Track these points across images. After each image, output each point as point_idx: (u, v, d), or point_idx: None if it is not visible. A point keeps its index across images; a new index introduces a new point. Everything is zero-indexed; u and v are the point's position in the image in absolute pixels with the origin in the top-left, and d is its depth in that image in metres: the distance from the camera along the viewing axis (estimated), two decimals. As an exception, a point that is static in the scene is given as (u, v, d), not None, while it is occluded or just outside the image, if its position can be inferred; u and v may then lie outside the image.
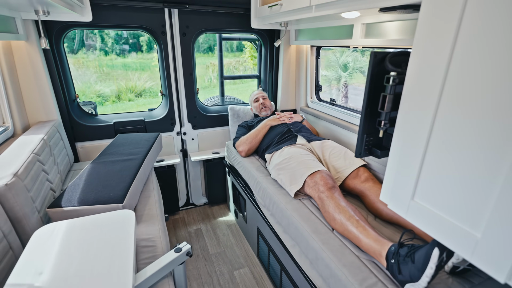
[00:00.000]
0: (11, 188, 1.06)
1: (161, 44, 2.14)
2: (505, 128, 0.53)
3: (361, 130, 0.95)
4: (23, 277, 0.82)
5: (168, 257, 1.04)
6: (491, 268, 0.61)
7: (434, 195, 0.72)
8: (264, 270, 1.96)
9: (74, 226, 1.03)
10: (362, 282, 1.03)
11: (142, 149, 1.79)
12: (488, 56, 0.55)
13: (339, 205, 1.27)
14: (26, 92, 1.78)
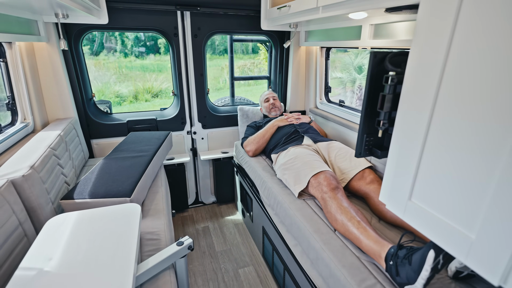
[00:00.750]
0: (28, 179, 1.13)
1: (173, 46, 2.21)
2: (497, 131, 0.53)
3: (361, 130, 0.95)
4: (35, 262, 0.88)
5: (170, 249, 1.07)
6: (485, 270, 0.60)
7: (431, 196, 0.72)
8: (268, 269, 1.97)
9: (83, 217, 1.09)
10: (361, 283, 1.03)
11: (152, 146, 1.85)
12: (481, 60, 0.55)
13: (342, 206, 1.27)
14: (46, 90, 1.89)
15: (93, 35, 6.68)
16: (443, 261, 0.83)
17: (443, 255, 0.83)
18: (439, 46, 0.63)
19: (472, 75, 0.57)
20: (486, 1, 0.53)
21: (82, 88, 2.09)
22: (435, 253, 0.82)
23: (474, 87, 0.56)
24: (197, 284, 1.88)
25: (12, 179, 1.09)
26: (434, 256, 0.82)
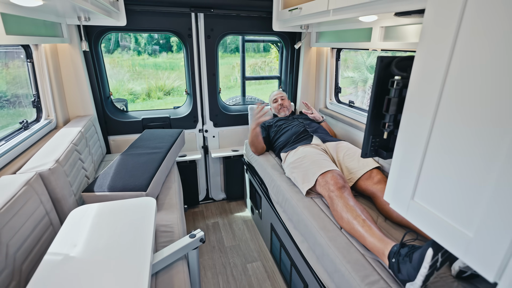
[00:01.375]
0: (54, 172, 1.22)
1: (187, 46, 2.28)
2: (494, 136, 0.56)
3: (367, 131, 0.99)
4: (61, 248, 0.96)
5: (183, 241, 1.14)
6: (482, 267, 0.63)
7: (432, 196, 0.75)
8: (275, 265, 2.02)
9: (104, 209, 1.17)
10: (364, 279, 1.06)
11: (166, 143, 1.93)
12: (481, 68, 0.58)
13: (348, 204, 1.30)
14: (68, 89, 1.99)
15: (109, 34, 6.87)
16: (442, 260, 0.86)
17: (441, 254, 0.86)
18: (442, 53, 0.67)
19: (472, 82, 0.60)
20: (488, 11, 0.56)
21: (100, 87, 2.19)
22: (434, 252, 0.85)
23: (474, 94, 0.59)
24: (207, 277, 1.96)
25: (40, 171, 1.18)
26: (432, 254, 0.85)
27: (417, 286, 0.90)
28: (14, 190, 1.02)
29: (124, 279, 0.83)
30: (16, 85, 1.68)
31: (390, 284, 1.03)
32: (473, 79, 0.60)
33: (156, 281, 1.04)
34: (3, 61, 1.59)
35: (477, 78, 0.59)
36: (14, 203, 0.98)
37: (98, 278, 0.83)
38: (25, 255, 0.98)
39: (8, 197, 0.97)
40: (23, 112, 1.72)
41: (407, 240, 1.04)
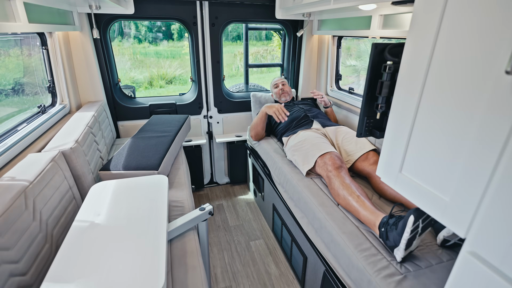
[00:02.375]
0: (74, 151, 1.33)
1: (192, 34, 2.35)
2: (465, 116, 0.66)
3: (362, 112, 1.08)
4: (87, 216, 1.08)
5: (194, 213, 1.26)
6: (455, 225, 0.74)
7: (416, 168, 0.85)
8: (277, 242, 2.16)
9: (121, 184, 1.29)
10: (357, 246, 1.18)
11: (173, 128, 2.03)
12: (461, 53, 0.67)
13: (344, 182, 1.41)
14: (79, 75, 2.08)
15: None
16: (423, 225, 0.97)
17: (422, 220, 0.97)
18: (427, 40, 0.75)
19: (449, 68, 0.69)
20: (468, 5, 0.65)
21: (109, 73, 2.28)
22: (415, 218, 0.96)
23: (449, 79, 0.69)
24: (213, 252, 2.10)
25: (62, 150, 1.29)
26: (413, 220, 0.96)
27: (401, 250, 1.01)
28: (43, 165, 1.13)
29: (145, 242, 0.95)
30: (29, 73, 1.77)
31: (380, 250, 1.15)
32: (450, 65, 0.69)
33: (171, 247, 1.16)
34: (20, 49, 1.68)
35: (452, 65, 0.68)
36: (44, 176, 1.09)
37: (122, 241, 0.95)
38: (54, 222, 1.10)
39: (38, 170, 1.08)
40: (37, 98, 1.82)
41: (395, 212, 1.15)
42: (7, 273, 0.82)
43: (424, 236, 1.23)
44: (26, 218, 0.94)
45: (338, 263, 1.27)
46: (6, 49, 1.55)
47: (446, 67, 0.70)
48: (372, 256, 1.13)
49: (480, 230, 0.65)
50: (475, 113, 0.65)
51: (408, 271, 1.06)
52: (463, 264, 0.68)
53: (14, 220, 0.89)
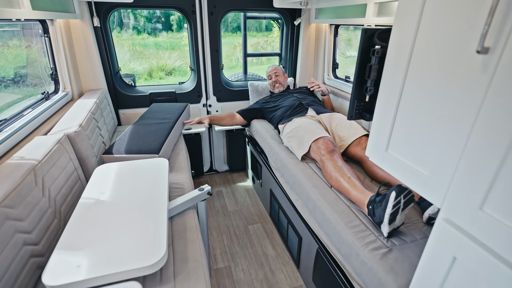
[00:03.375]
0: (78, 135, 1.39)
1: (191, 23, 2.38)
2: (441, 98, 0.72)
3: (352, 96, 1.14)
4: (92, 194, 1.14)
5: (194, 193, 1.33)
6: (433, 197, 0.80)
7: (401, 147, 0.91)
8: (274, 226, 2.24)
9: (124, 166, 1.35)
10: (348, 224, 1.25)
11: (173, 115, 2.08)
12: (440, 37, 0.72)
13: (336, 165, 1.47)
14: (80, 63, 2.12)
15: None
16: (404, 200, 1.04)
17: (403, 195, 1.03)
18: (411, 25, 0.80)
19: (431, 50, 0.74)
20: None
21: (110, 62, 2.32)
22: (396, 193, 1.03)
23: (428, 61, 0.74)
24: (213, 235, 2.18)
25: (67, 133, 1.35)
26: (395, 196, 1.03)
27: (386, 225, 1.08)
28: (49, 146, 1.19)
29: (147, 217, 1.02)
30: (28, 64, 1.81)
31: (369, 227, 1.22)
32: (431, 48, 0.74)
33: (171, 224, 1.23)
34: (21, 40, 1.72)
35: (432, 48, 0.73)
36: (51, 157, 1.16)
37: (126, 216, 1.02)
38: (62, 199, 1.17)
39: (46, 151, 1.15)
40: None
41: (382, 191, 1.22)
42: (21, 242, 0.89)
43: (410, 214, 1.30)
44: (36, 194, 1.01)
45: (330, 240, 1.35)
46: (6, 40, 1.59)
47: (427, 50, 0.76)
48: (361, 232, 1.20)
49: (453, 200, 0.71)
50: (451, 92, 0.71)
51: (394, 244, 1.13)
52: (438, 229, 0.75)
53: (26, 195, 0.95)
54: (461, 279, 0.71)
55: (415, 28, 0.80)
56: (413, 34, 0.80)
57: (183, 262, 1.03)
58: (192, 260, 1.03)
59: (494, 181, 0.61)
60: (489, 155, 0.61)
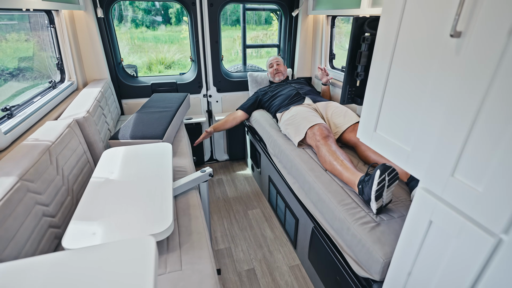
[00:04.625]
0: (86, 120, 1.47)
1: (191, 14, 2.43)
2: (422, 79, 0.79)
3: (344, 81, 1.21)
4: (102, 174, 1.23)
5: (196, 174, 1.41)
6: (415, 170, 0.89)
7: (387, 127, 1.00)
8: (272, 211, 2.34)
9: (130, 150, 1.43)
10: (340, 202, 1.34)
11: (174, 104, 2.16)
12: (420, 23, 0.80)
13: (330, 149, 1.56)
14: (84, 54, 2.19)
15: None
16: (389, 178, 1.12)
17: (388, 173, 1.12)
18: (397, 13, 0.88)
19: (414, 36, 0.82)
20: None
21: (112, 53, 2.38)
22: (380, 171, 1.11)
23: (415, 45, 0.81)
24: (213, 219, 2.28)
25: (76, 118, 1.43)
26: (379, 174, 1.11)
27: (374, 201, 1.17)
28: (61, 130, 1.27)
29: (155, 194, 1.10)
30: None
31: (360, 205, 1.31)
32: (414, 33, 0.81)
33: (176, 202, 1.32)
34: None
35: (415, 33, 0.81)
36: (63, 139, 1.24)
37: (134, 194, 1.10)
38: (74, 179, 1.26)
39: (58, 134, 1.23)
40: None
41: (371, 171, 1.30)
42: (40, 213, 0.97)
43: (398, 193, 1.39)
44: (51, 171, 1.09)
45: (324, 218, 1.44)
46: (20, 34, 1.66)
47: (410, 36, 0.83)
48: (352, 209, 1.29)
49: (430, 170, 0.80)
50: (429, 74, 0.79)
51: (382, 220, 1.22)
52: (418, 197, 0.85)
53: (42, 172, 1.04)
54: (436, 239, 0.80)
55: (399, 16, 0.87)
56: (398, 22, 0.88)
57: (187, 234, 1.12)
58: (196, 233, 1.12)
59: (462, 151, 0.69)
60: (458, 129, 0.69)
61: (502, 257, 0.64)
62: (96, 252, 0.60)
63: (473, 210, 0.68)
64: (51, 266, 0.55)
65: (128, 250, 0.60)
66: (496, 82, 0.60)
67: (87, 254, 0.59)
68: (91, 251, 0.60)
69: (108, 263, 0.57)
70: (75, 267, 0.55)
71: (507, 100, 0.58)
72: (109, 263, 0.57)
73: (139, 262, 0.57)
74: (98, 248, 0.61)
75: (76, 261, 0.57)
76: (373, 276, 1.10)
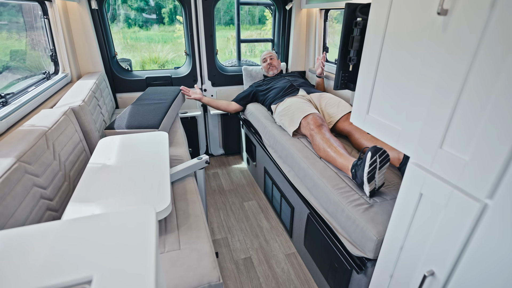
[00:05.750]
0: (82, 109, 1.47)
1: (186, 8, 2.44)
2: (411, 58, 0.82)
3: (337, 67, 1.24)
4: (99, 160, 1.23)
5: (193, 161, 1.43)
6: (406, 148, 0.92)
7: (379, 108, 1.03)
8: (268, 202, 2.36)
9: (126, 138, 1.44)
10: (335, 186, 1.37)
11: (169, 97, 2.17)
12: (409, 4, 0.83)
13: (324, 137, 1.59)
14: (78, 46, 2.18)
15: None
16: (380, 159, 1.16)
17: (379, 155, 1.15)
18: (385, 1, 0.91)
19: (404, 17, 0.85)
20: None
21: (106, 46, 2.37)
22: (371, 153, 1.15)
23: (407, 25, 0.84)
24: (210, 211, 2.29)
25: (72, 107, 1.43)
26: (370, 156, 1.14)
27: (366, 184, 1.20)
28: (57, 117, 1.27)
29: (152, 177, 1.11)
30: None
31: (353, 188, 1.34)
32: (405, 15, 0.85)
33: (173, 188, 1.34)
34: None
35: (404, 14, 0.84)
36: (59, 125, 1.24)
37: (132, 178, 1.11)
38: (71, 165, 1.26)
39: (54, 120, 1.23)
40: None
41: (363, 156, 1.33)
42: (38, 195, 0.98)
43: (391, 177, 1.43)
44: (48, 156, 1.09)
45: (319, 203, 1.47)
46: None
47: (400, 18, 0.87)
48: (346, 193, 1.32)
49: (419, 145, 0.83)
50: (418, 53, 0.82)
51: (376, 202, 1.25)
52: (409, 171, 0.88)
53: (40, 155, 1.04)
54: (426, 211, 0.84)
55: (388, 5, 0.91)
56: (389, 4, 0.91)
57: (185, 217, 1.13)
58: (194, 215, 1.14)
59: (449, 124, 0.73)
60: (444, 102, 0.73)
61: (488, 221, 0.67)
62: (97, 220, 0.61)
63: (460, 179, 0.71)
64: (57, 231, 0.57)
65: (128, 219, 0.61)
66: (479, 54, 0.63)
67: (89, 222, 0.60)
68: (92, 219, 0.61)
69: (109, 230, 0.58)
70: (77, 234, 0.57)
71: (490, 71, 0.61)
72: (110, 231, 0.58)
73: (140, 229, 0.58)
74: (99, 216, 0.62)
75: (78, 229, 0.58)
76: (367, 254, 1.14)
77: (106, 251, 0.53)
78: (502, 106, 0.59)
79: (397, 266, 0.98)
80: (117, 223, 0.61)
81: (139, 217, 0.62)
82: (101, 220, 0.62)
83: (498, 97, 0.60)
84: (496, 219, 0.65)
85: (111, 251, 0.54)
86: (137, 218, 0.62)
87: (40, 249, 0.53)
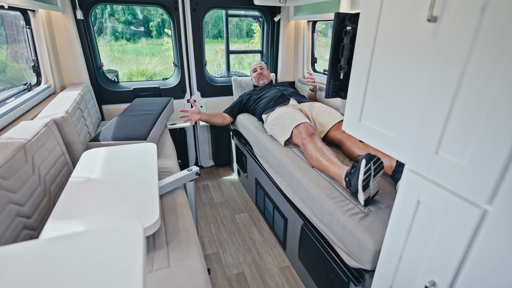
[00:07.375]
0: (65, 120, 1.40)
1: (174, 19, 2.43)
2: (402, 66, 0.83)
3: (328, 76, 1.24)
4: (82, 173, 1.17)
5: (182, 173, 1.38)
6: (400, 155, 0.91)
7: (371, 116, 1.02)
8: (260, 214, 2.31)
9: (112, 150, 1.38)
10: (329, 195, 1.35)
11: (157, 108, 2.12)
12: (399, 11, 0.83)
13: (316, 146, 1.58)
14: (62, 57, 2.12)
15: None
16: (374, 167, 1.14)
17: (373, 162, 1.14)
18: (375, 9, 0.92)
19: (395, 25, 0.85)
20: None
21: (92, 57, 2.32)
22: (366, 161, 1.14)
23: (398, 33, 0.85)
24: (200, 225, 2.21)
25: (54, 118, 1.36)
26: (365, 163, 1.13)
27: (361, 192, 1.18)
28: (37, 129, 1.20)
29: (139, 191, 1.06)
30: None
31: (348, 197, 1.32)
32: (396, 22, 0.85)
33: (162, 201, 1.28)
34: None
35: (395, 22, 0.85)
36: (40, 138, 1.17)
37: (118, 191, 1.05)
38: (51, 180, 1.19)
39: (34, 132, 1.16)
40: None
41: (356, 164, 1.32)
42: (14, 213, 0.90)
43: (384, 186, 1.42)
44: (27, 170, 1.02)
45: (313, 213, 1.44)
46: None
47: (390, 25, 0.87)
48: (341, 202, 1.30)
49: (415, 152, 0.82)
50: (409, 60, 0.82)
51: (370, 210, 1.23)
52: (405, 178, 0.86)
53: (17, 169, 0.97)
54: (424, 218, 0.82)
55: (379, 6, 0.91)
56: (378, 11, 0.92)
57: (175, 232, 1.07)
58: (184, 230, 1.08)
59: (444, 129, 0.72)
60: (438, 108, 0.72)
61: (488, 227, 0.66)
62: (78, 238, 0.56)
63: (458, 185, 0.70)
64: (36, 252, 0.51)
65: (113, 236, 0.56)
66: (472, 59, 0.63)
67: (69, 241, 0.54)
68: (73, 238, 0.55)
69: (92, 249, 0.53)
70: (57, 254, 0.51)
71: (483, 75, 0.61)
72: (93, 250, 0.53)
73: (126, 246, 0.53)
74: (81, 234, 0.57)
75: (59, 248, 0.53)
76: (364, 265, 1.10)
77: (88, 272, 0.48)
78: (498, 109, 0.59)
79: (396, 277, 0.95)
80: (101, 240, 0.56)
81: (125, 234, 0.57)
82: (83, 238, 0.57)
83: (493, 100, 0.60)
84: (497, 225, 0.64)
85: (94, 272, 0.48)
86: (123, 235, 0.57)
87: (16, 271, 0.47)
